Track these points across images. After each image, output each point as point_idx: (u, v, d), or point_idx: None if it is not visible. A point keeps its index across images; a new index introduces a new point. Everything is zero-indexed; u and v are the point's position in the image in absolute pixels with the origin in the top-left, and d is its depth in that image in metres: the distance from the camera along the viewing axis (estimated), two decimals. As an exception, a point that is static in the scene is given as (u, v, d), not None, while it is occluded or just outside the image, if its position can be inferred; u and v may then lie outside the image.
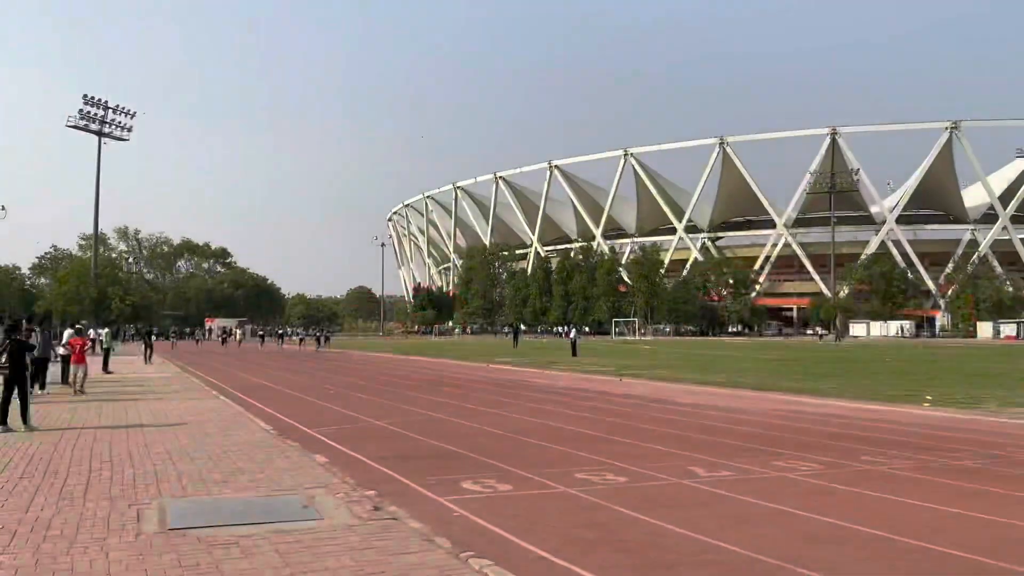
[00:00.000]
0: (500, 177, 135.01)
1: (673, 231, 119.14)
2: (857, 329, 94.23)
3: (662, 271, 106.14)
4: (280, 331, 66.58)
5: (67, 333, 21.91)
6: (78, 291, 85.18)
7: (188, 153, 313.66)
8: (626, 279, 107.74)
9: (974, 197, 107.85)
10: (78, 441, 10.88)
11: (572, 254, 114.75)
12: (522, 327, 77.78)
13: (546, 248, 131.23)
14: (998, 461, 9.45)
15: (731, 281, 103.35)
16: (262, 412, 14.88)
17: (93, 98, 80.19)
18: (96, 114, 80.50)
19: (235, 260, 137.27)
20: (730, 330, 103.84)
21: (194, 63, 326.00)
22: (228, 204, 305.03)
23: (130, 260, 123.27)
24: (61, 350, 21.23)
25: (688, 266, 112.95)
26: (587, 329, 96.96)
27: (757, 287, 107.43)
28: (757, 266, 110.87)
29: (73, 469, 8.70)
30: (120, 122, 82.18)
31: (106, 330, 33.22)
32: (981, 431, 12.23)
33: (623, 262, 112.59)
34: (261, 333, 65.34)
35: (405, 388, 21.04)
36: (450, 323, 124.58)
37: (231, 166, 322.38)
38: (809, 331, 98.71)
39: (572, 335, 45.30)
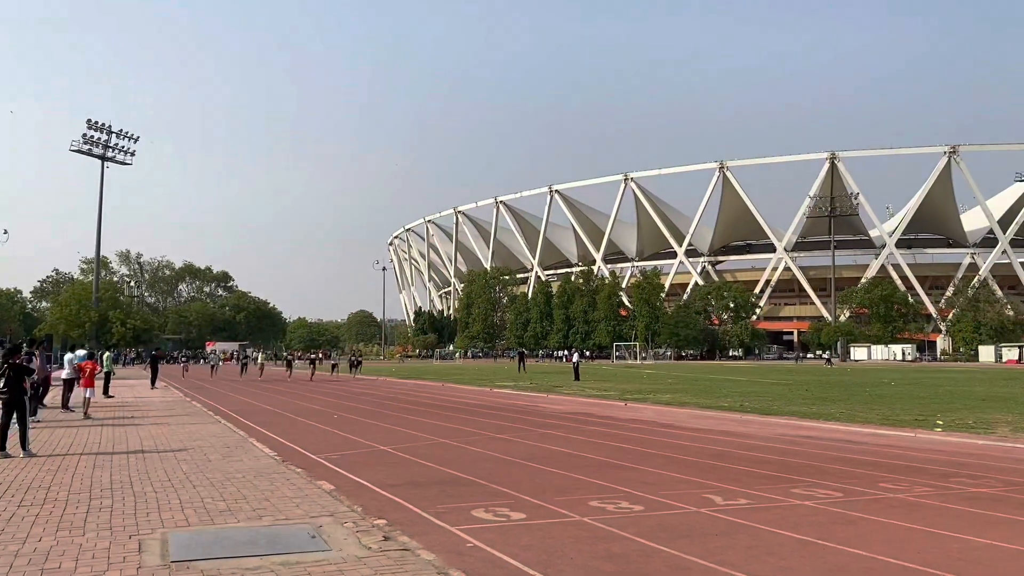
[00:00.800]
0: (501, 201, 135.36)
1: (673, 255, 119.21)
2: (858, 353, 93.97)
3: (663, 295, 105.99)
4: (313, 356, 54.94)
5: (67, 357, 21.65)
6: (79, 315, 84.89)
7: (190, 177, 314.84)
8: (627, 303, 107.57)
9: (973, 221, 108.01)
10: (78, 468, 10.65)
11: (573, 278, 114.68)
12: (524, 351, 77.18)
13: (547, 272, 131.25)
14: (1020, 488, 9.22)
15: (731, 305, 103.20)
16: (265, 437, 14.63)
17: (97, 123, 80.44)
18: (100, 138, 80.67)
19: (236, 284, 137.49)
20: (731, 354, 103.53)
21: (196, 88, 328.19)
22: (230, 228, 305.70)
23: (132, 284, 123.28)
24: (63, 373, 20.99)
25: (689, 290, 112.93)
26: (587, 353, 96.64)
27: (757, 311, 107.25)
28: (757, 290, 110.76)
29: (72, 497, 8.47)
30: (123, 146, 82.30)
31: (107, 353, 32.93)
32: (997, 457, 12.01)
33: (624, 286, 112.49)
34: (288, 358, 52.85)
35: (409, 413, 20.78)
36: (451, 347, 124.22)
37: (233, 190, 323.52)
38: (811, 355, 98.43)
39: (574, 359, 45.03)
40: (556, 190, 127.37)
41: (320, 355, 67.53)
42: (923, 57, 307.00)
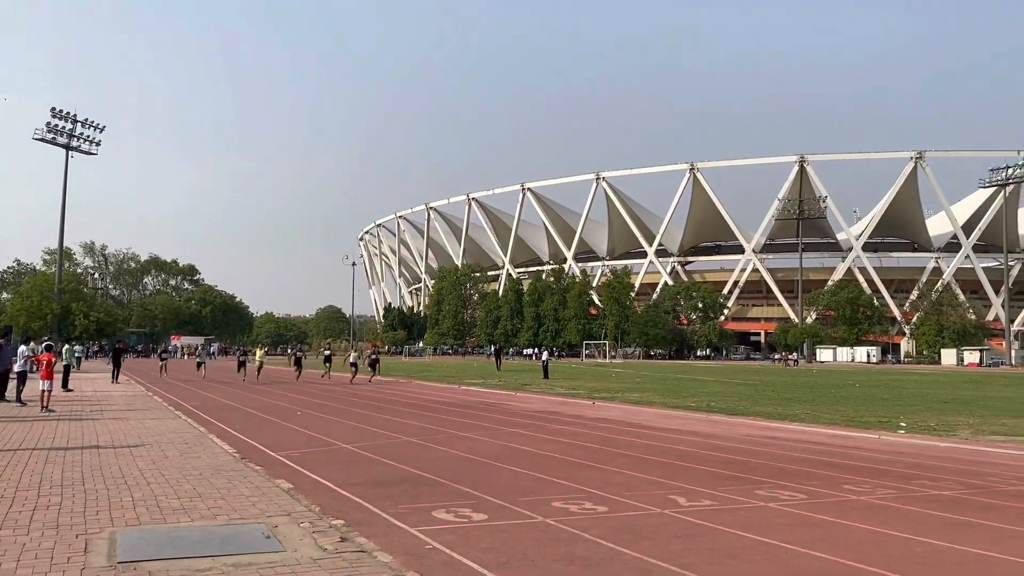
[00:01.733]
0: (473, 198, 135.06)
1: (644, 255, 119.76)
2: (824, 354, 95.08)
3: (633, 294, 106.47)
4: (328, 351, 43.82)
5: (21, 350, 21.08)
6: (40, 306, 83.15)
7: (157, 170, 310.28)
8: (597, 302, 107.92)
9: (938, 226, 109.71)
10: (28, 463, 10.33)
11: (544, 276, 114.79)
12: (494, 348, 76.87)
13: (518, 270, 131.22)
14: (981, 491, 9.27)
15: (700, 305, 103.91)
16: (226, 434, 14.35)
17: (61, 111, 78.82)
18: (64, 127, 79.04)
19: (203, 277, 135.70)
20: (698, 354, 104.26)
21: (163, 81, 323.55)
22: (197, 221, 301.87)
23: (96, 276, 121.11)
24: (16, 366, 20.46)
25: (658, 290, 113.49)
26: (556, 351, 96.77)
27: (725, 311, 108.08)
28: (726, 291, 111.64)
29: (20, 494, 8.19)
30: (88, 136, 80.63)
31: (66, 346, 32.25)
32: (959, 459, 12.10)
33: (594, 285, 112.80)
34: (298, 355, 39.66)
35: (374, 410, 20.57)
36: (421, 344, 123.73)
37: (202, 183, 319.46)
38: (777, 356, 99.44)
39: (544, 357, 45.02)
40: (528, 188, 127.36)
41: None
42: (891, 63, 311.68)
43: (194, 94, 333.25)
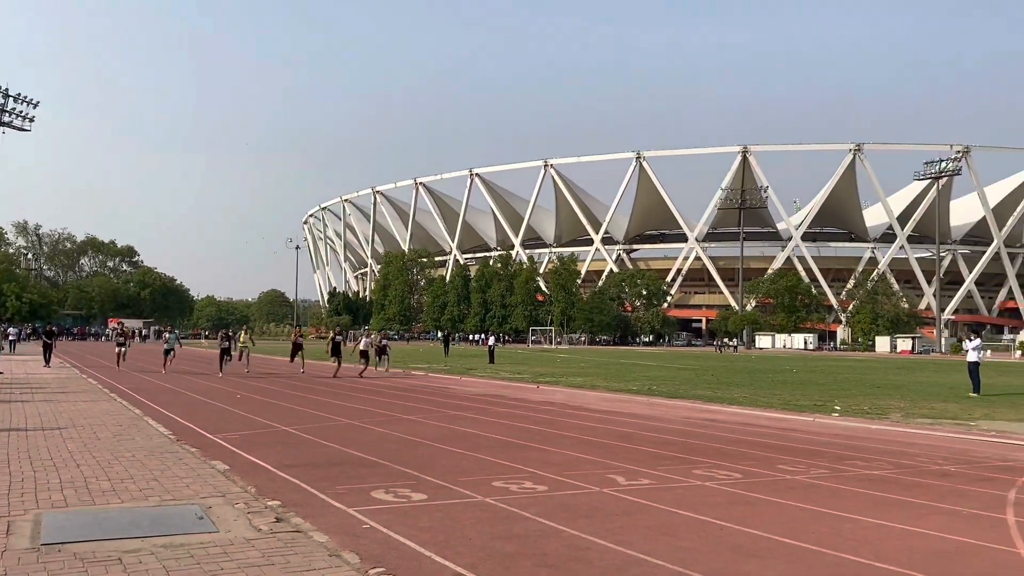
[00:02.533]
0: (420, 183, 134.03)
1: (590, 242, 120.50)
2: (763, 341, 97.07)
3: (579, 281, 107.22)
4: (336, 337, 32.39)
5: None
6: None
7: (94, 148, 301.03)
8: (544, 288, 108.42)
9: (874, 217, 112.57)
10: (-50, 446, 9.94)
11: (491, 262, 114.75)
12: (440, 333, 76.62)
13: (465, 256, 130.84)
14: (909, 471, 9.56)
15: (644, 292, 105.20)
16: (161, 416, 14.03)
17: (-9, 85, 75.71)
18: (-7, 102, 75.99)
19: (142, 259, 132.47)
20: (642, 340, 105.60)
21: (100, 58, 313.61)
22: (136, 202, 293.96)
23: (29, 256, 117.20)
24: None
25: (604, 277, 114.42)
26: (504, 337, 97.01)
27: (669, 299, 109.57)
28: (669, 278, 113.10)
29: (-61, 477, 7.87)
30: (21, 111, 77.63)
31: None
32: (890, 441, 12.46)
33: (541, 271, 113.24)
34: (297, 341, 33.74)
35: (317, 394, 20.34)
36: (366, 329, 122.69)
37: (142, 163, 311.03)
38: (715, 342, 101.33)
39: (490, 343, 45.09)
40: (476, 174, 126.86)
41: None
42: (835, 59, 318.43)
43: (132, 74, 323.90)
